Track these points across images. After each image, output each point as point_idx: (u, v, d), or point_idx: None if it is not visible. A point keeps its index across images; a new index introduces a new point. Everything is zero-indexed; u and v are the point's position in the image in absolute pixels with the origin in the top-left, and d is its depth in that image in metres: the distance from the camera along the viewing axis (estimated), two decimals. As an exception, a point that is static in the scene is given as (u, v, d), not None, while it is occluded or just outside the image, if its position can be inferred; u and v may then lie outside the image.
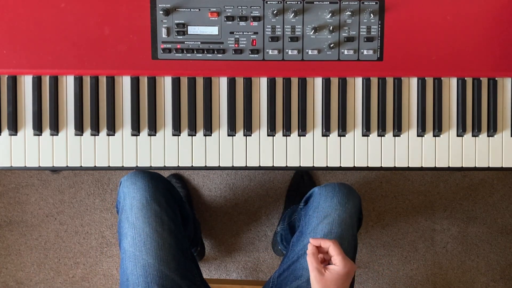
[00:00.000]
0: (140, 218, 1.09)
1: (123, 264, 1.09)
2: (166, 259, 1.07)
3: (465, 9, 1.05)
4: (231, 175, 1.80)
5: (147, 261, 1.06)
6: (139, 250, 1.07)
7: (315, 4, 1.04)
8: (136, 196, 1.10)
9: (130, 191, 1.11)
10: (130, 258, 1.08)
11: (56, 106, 1.05)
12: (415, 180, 1.82)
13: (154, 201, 1.10)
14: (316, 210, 1.13)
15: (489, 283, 1.83)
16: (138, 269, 1.06)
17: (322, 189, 1.16)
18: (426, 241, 1.82)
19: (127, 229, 1.09)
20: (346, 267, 0.96)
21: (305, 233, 1.13)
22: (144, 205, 1.09)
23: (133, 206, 1.10)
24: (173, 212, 1.15)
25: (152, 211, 1.09)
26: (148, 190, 1.11)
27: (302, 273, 1.09)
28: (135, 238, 1.08)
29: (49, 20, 1.02)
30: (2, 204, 1.78)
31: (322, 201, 1.13)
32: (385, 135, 1.08)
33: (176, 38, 1.04)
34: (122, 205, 1.13)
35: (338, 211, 1.11)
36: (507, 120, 1.09)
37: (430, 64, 1.06)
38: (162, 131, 1.06)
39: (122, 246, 1.11)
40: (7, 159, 1.05)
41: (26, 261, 1.78)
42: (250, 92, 1.07)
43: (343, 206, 1.11)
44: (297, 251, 1.13)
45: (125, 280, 1.08)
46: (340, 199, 1.12)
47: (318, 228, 1.10)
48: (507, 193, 1.83)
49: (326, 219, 1.10)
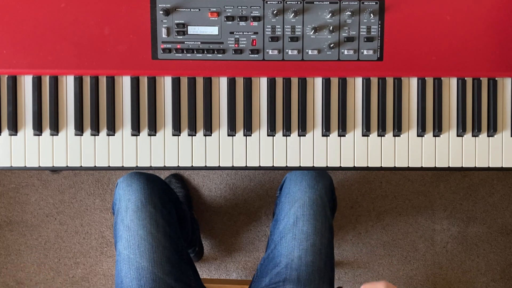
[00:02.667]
0: (134, 221, 1.09)
1: (118, 266, 1.09)
2: (160, 262, 1.07)
3: (465, 9, 1.05)
4: (231, 175, 1.80)
5: (141, 264, 1.06)
6: (133, 252, 1.07)
7: (315, 4, 1.04)
8: (131, 199, 1.10)
9: (126, 193, 1.11)
10: (124, 260, 1.08)
11: (56, 106, 1.05)
12: (415, 180, 1.82)
13: (149, 203, 1.10)
14: (288, 196, 1.14)
15: (489, 283, 1.83)
16: (132, 272, 1.06)
17: (292, 174, 1.18)
18: (426, 241, 1.82)
19: (122, 231, 1.09)
20: None
21: (279, 220, 1.14)
22: (139, 207, 1.09)
23: (128, 208, 1.10)
24: (169, 214, 1.14)
25: (147, 213, 1.09)
26: (143, 193, 1.11)
27: (280, 259, 1.10)
28: (129, 241, 1.08)
29: (49, 20, 1.02)
30: (2, 204, 1.78)
31: (292, 186, 1.15)
32: (385, 135, 1.08)
33: (176, 38, 1.04)
34: (117, 207, 1.13)
35: (308, 193, 1.12)
36: (507, 120, 1.09)
37: (430, 64, 1.06)
38: (162, 131, 1.06)
39: (117, 248, 1.11)
40: (7, 159, 1.05)
41: (26, 261, 1.78)
42: (250, 92, 1.07)
43: (312, 188, 1.12)
44: (274, 239, 1.14)
45: (120, 282, 1.08)
46: (309, 181, 1.13)
47: (290, 212, 1.11)
48: (507, 193, 1.83)
49: (297, 202, 1.11)
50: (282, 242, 1.11)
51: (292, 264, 1.08)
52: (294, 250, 1.09)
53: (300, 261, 1.08)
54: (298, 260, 1.08)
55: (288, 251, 1.09)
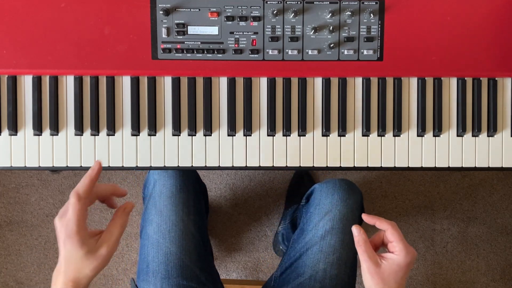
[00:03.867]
0: (168, 206, 1.08)
1: (145, 251, 1.08)
2: (188, 250, 1.07)
3: (465, 9, 1.05)
4: (231, 175, 1.80)
5: (170, 249, 1.06)
6: (163, 237, 1.06)
7: (315, 4, 1.04)
8: (166, 184, 1.10)
9: (161, 177, 1.11)
10: (153, 244, 1.07)
11: (56, 106, 1.05)
12: (415, 180, 1.82)
13: (183, 190, 1.10)
14: (317, 207, 1.13)
15: (489, 283, 1.83)
16: (160, 256, 1.05)
17: (322, 185, 1.16)
18: (426, 241, 1.82)
19: (153, 215, 1.09)
20: (408, 256, 0.81)
21: (306, 230, 1.13)
22: (173, 193, 1.09)
23: (163, 193, 1.09)
24: (200, 204, 1.14)
25: (181, 199, 1.09)
26: (179, 179, 1.10)
27: (304, 270, 1.09)
28: (160, 225, 1.07)
29: (49, 20, 1.02)
30: (2, 204, 1.78)
31: (323, 198, 1.13)
32: (385, 135, 1.08)
33: (176, 38, 1.04)
34: (150, 192, 1.12)
35: (339, 207, 1.10)
36: (507, 120, 1.09)
37: (430, 64, 1.06)
38: (162, 131, 1.06)
39: (145, 232, 1.10)
40: (7, 159, 1.05)
41: (26, 261, 1.78)
42: (250, 92, 1.07)
43: (344, 201, 1.11)
44: (298, 248, 1.13)
45: (145, 266, 1.07)
46: (341, 195, 1.12)
47: (319, 225, 1.10)
48: (507, 193, 1.83)
49: (327, 215, 1.10)
50: (308, 253, 1.10)
51: (316, 276, 1.07)
52: (320, 263, 1.08)
53: (324, 273, 1.07)
54: (323, 272, 1.07)
55: (314, 263, 1.08)
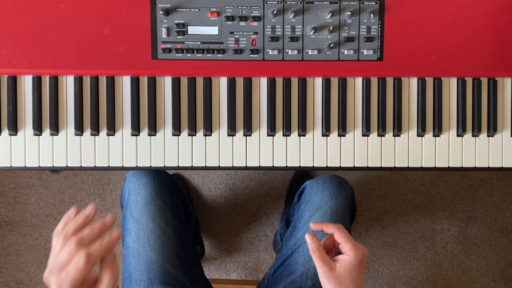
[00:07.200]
0: (144, 214, 1.08)
1: (126, 260, 1.09)
2: (169, 256, 1.07)
3: (465, 9, 1.05)
4: (231, 175, 1.80)
5: (151, 257, 1.06)
6: (143, 246, 1.06)
7: (315, 4, 1.04)
8: (141, 192, 1.10)
9: (135, 186, 1.11)
10: (133, 254, 1.07)
11: (56, 106, 1.05)
12: (415, 180, 1.82)
13: (159, 197, 1.10)
14: (308, 204, 1.13)
15: (489, 283, 1.83)
16: (142, 265, 1.06)
17: (313, 182, 1.17)
18: (426, 241, 1.82)
19: (131, 225, 1.09)
20: (358, 254, 0.84)
21: (297, 227, 1.13)
22: (149, 201, 1.09)
23: (138, 202, 1.09)
24: (177, 209, 1.14)
25: (157, 207, 1.09)
26: (153, 187, 1.10)
27: (296, 267, 1.09)
28: (139, 234, 1.07)
29: (49, 20, 1.02)
30: (2, 204, 1.78)
31: (314, 194, 1.14)
32: (385, 135, 1.08)
33: (176, 38, 1.04)
34: (126, 201, 1.12)
35: (329, 203, 1.11)
36: (507, 120, 1.09)
37: (430, 64, 1.06)
38: (162, 131, 1.06)
39: (125, 242, 1.10)
40: (7, 159, 1.05)
41: (26, 261, 1.78)
42: (250, 92, 1.07)
43: (334, 198, 1.11)
44: (290, 246, 1.13)
45: (128, 276, 1.08)
46: (331, 191, 1.12)
47: (310, 221, 1.10)
48: (507, 193, 1.83)
49: (317, 212, 1.11)
50: (299, 251, 1.10)
51: (308, 273, 1.07)
52: (311, 260, 1.07)
53: (316, 270, 1.08)
54: (315, 269, 1.06)
55: (305, 260, 1.08)
